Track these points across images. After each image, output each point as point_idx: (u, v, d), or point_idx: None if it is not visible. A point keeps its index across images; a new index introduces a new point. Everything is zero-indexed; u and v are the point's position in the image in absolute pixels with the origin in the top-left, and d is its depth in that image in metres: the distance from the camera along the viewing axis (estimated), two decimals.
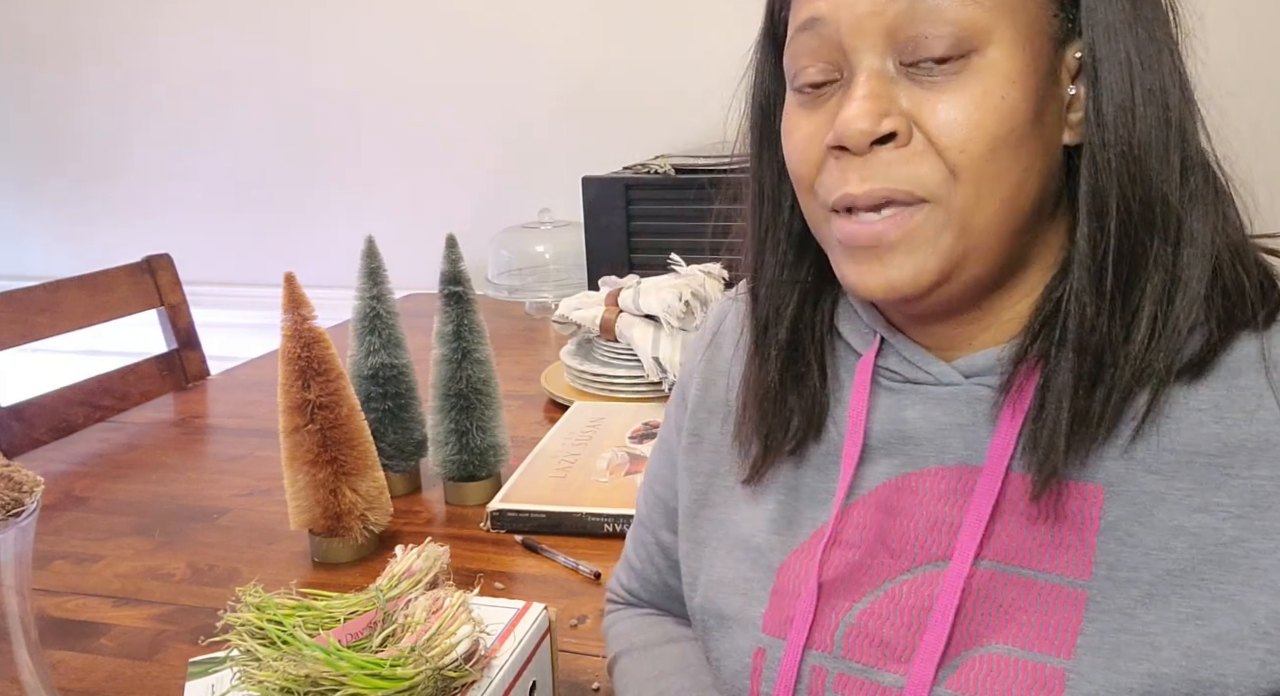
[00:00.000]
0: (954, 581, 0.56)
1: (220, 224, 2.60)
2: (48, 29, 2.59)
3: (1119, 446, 0.54)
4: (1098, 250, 0.52)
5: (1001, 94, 0.51)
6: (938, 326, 0.60)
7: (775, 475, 0.66)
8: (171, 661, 0.90)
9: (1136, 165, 0.52)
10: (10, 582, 0.63)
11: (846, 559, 0.61)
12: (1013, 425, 0.56)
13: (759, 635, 0.63)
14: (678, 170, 1.78)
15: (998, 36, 0.51)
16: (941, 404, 0.60)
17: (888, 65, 0.53)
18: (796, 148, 0.57)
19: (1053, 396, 0.54)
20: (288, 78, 2.44)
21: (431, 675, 0.75)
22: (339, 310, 1.32)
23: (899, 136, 0.52)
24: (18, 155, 2.73)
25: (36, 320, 1.61)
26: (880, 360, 0.62)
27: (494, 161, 2.34)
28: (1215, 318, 0.53)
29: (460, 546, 1.05)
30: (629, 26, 2.18)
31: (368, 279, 1.17)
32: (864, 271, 0.55)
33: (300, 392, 1.02)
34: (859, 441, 0.62)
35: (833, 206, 0.55)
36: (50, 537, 1.15)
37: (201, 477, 1.32)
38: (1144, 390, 0.53)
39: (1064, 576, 0.54)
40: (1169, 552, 0.52)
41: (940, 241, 0.53)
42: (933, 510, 0.59)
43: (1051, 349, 0.55)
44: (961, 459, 0.59)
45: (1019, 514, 0.56)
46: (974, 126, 0.51)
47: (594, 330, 1.50)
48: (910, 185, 0.52)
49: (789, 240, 0.64)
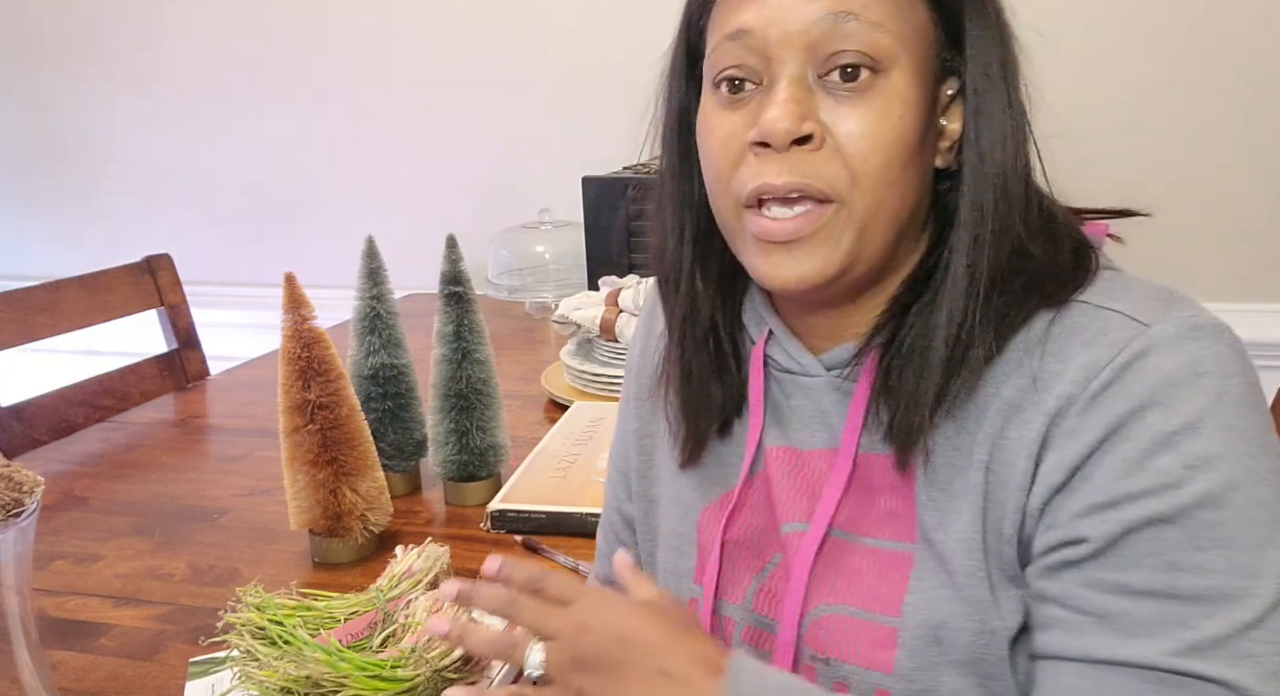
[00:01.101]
0: (805, 548, 0.64)
1: (220, 224, 2.60)
2: (48, 29, 2.59)
3: (939, 419, 0.60)
4: (971, 259, 0.59)
5: (900, 114, 0.58)
6: (818, 318, 0.67)
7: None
8: (172, 661, 0.90)
9: (1005, 186, 0.60)
10: (10, 582, 0.63)
11: (754, 522, 0.69)
12: (858, 409, 0.64)
13: (691, 586, 0.71)
14: None
15: (900, 63, 0.58)
16: (809, 393, 0.68)
17: (807, 75, 0.59)
18: (718, 143, 0.62)
19: (916, 381, 0.60)
20: (288, 78, 2.44)
21: (432, 676, 0.75)
22: (339, 310, 1.32)
23: (814, 140, 0.58)
24: (18, 155, 2.73)
25: (36, 320, 1.61)
26: (767, 349, 0.69)
27: (494, 161, 2.34)
28: (1031, 303, 0.60)
29: (460, 546, 1.05)
30: (629, 26, 2.18)
31: (368, 279, 1.17)
32: (777, 264, 0.60)
33: (300, 393, 1.02)
34: (760, 421, 0.69)
35: (747, 199, 0.60)
36: (50, 537, 1.15)
37: (201, 477, 1.32)
38: (971, 370, 0.60)
39: (893, 541, 0.62)
40: (958, 516, 0.60)
41: (843, 240, 0.59)
42: (805, 484, 0.67)
43: (899, 339, 0.62)
44: (824, 442, 0.67)
45: (863, 489, 0.64)
46: (875, 138, 0.58)
47: (594, 330, 1.50)
48: (821, 183, 0.58)
49: (698, 236, 0.69)
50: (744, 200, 0.61)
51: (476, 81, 2.30)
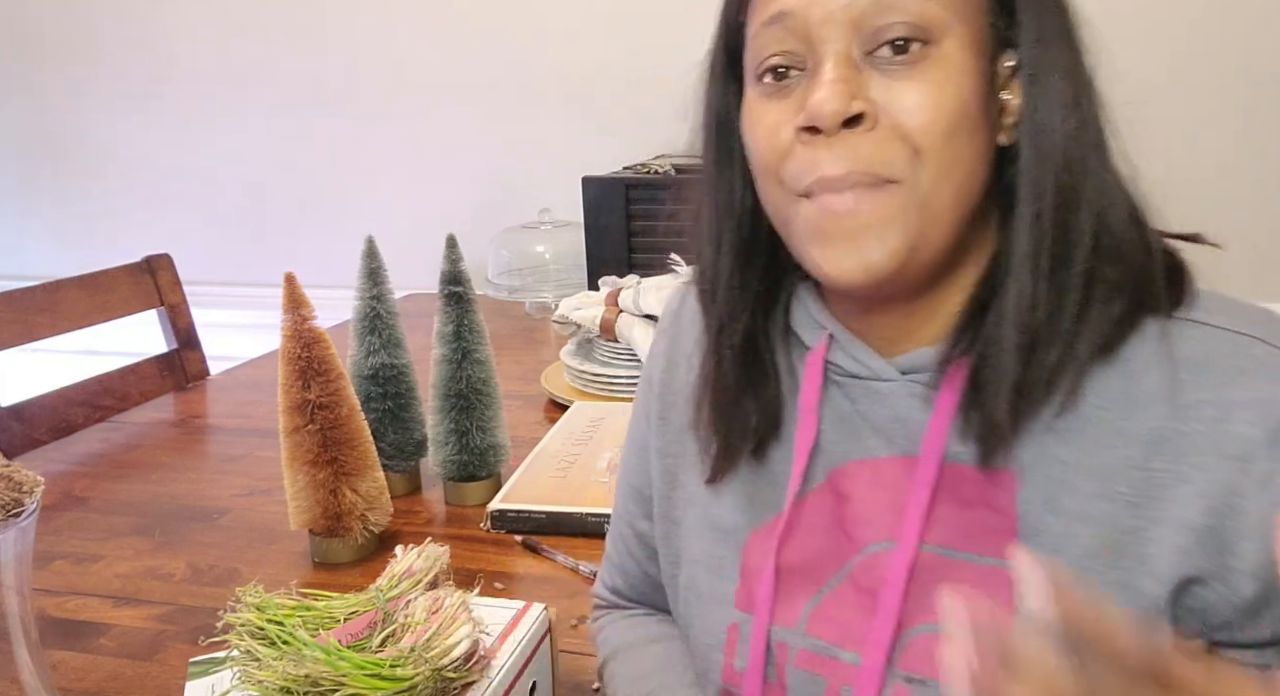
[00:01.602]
0: (900, 564, 0.59)
1: (220, 224, 2.60)
2: (48, 29, 2.59)
3: (1039, 431, 0.57)
4: (1035, 237, 0.56)
5: (957, 83, 0.55)
6: (883, 318, 0.63)
7: (744, 460, 0.69)
8: (171, 661, 0.90)
9: (1067, 161, 0.56)
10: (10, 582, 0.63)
11: (810, 545, 0.64)
12: (944, 417, 0.60)
13: (732, 610, 0.67)
14: (678, 170, 1.78)
15: (952, 33, 0.55)
16: (881, 398, 0.63)
17: (853, 53, 0.55)
18: (764, 135, 0.59)
19: (992, 373, 0.57)
20: (288, 77, 2.44)
21: (431, 675, 0.75)
22: (339, 310, 1.32)
23: (866, 119, 0.55)
24: (18, 155, 2.73)
25: (36, 320, 1.61)
26: (828, 355, 0.65)
27: (494, 161, 2.34)
28: (1126, 303, 0.57)
29: (460, 546, 1.05)
30: (629, 26, 2.18)
31: (368, 279, 1.17)
32: (840, 256, 0.56)
33: (300, 393, 1.02)
34: (812, 434, 0.65)
35: (803, 191, 0.57)
36: (50, 537, 1.15)
37: (201, 477, 1.32)
38: (1068, 369, 0.56)
39: (997, 559, 0.57)
40: (1075, 539, 0.56)
41: (909, 222, 0.55)
42: (881, 497, 0.62)
43: (985, 337, 0.58)
44: (902, 450, 0.62)
45: (954, 501, 0.59)
46: (935, 109, 0.54)
47: (594, 330, 1.50)
48: (879, 166, 0.55)
49: (741, 245, 0.66)
50: (799, 191, 0.57)
51: (477, 82, 2.30)
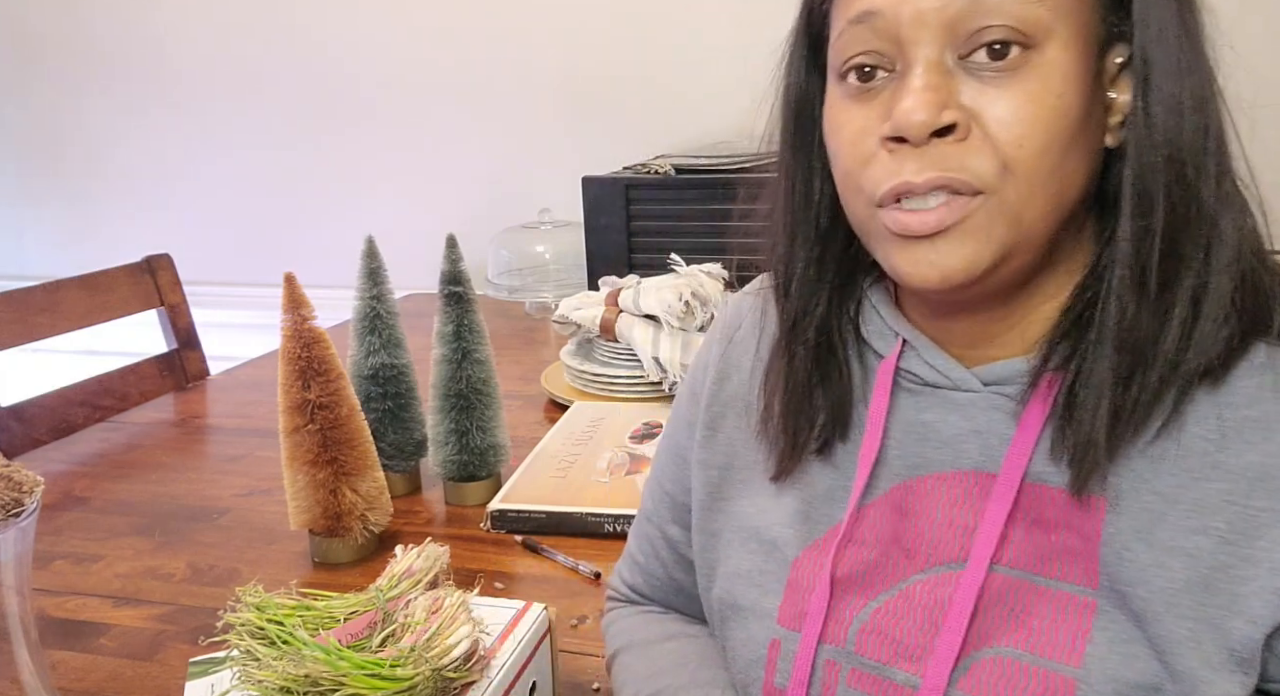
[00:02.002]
0: (970, 583, 0.57)
1: (220, 224, 2.60)
2: (48, 29, 2.59)
3: (1133, 458, 0.54)
4: (1140, 248, 0.53)
5: (1058, 92, 0.51)
6: (964, 323, 0.60)
7: (798, 472, 0.66)
8: (171, 661, 0.90)
9: (1180, 167, 0.52)
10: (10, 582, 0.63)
11: (862, 557, 0.62)
12: (1030, 434, 0.57)
13: (774, 626, 0.64)
14: (678, 170, 1.78)
15: (1056, 36, 0.51)
16: (959, 409, 0.60)
17: (945, 58, 0.52)
18: (847, 141, 0.56)
19: (1088, 392, 0.54)
20: (288, 77, 2.44)
21: (431, 675, 0.75)
22: (339, 310, 1.32)
23: (957, 129, 0.52)
24: (18, 155, 2.73)
25: (36, 320, 1.61)
26: (902, 362, 0.62)
27: (494, 161, 2.34)
28: (1237, 323, 0.54)
29: (460, 546, 1.05)
30: (629, 27, 2.18)
31: (368, 279, 1.18)
32: (919, 260, 0.54)
33: (300, 393, 1.02)
34: (876, 443, 0.62)
35: (882, 199, 0.54)
36: (50, 537, 1.15)
37: (201, 477, 1.32)
38: (1170, 392, 0.54)
39: (1074, 585, 0.55)
40: (1165, 570, 0.53)
41: (994, 231, 0.53)
42: (948, 513, 0.60)
43: (1081, 352, 0.55)
44: (977, 464, 0.59)
45: (1032, 522, 0.57)
46: (1031, 123, 0.51)
47: (594, 330, 1.50)
48: (966, 176, 0.52)
49: (817, 237, 0.63)
50: (878, 199, 0.54)
51: (477, 82, 2.30)
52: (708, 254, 1.55)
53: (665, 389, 1.40)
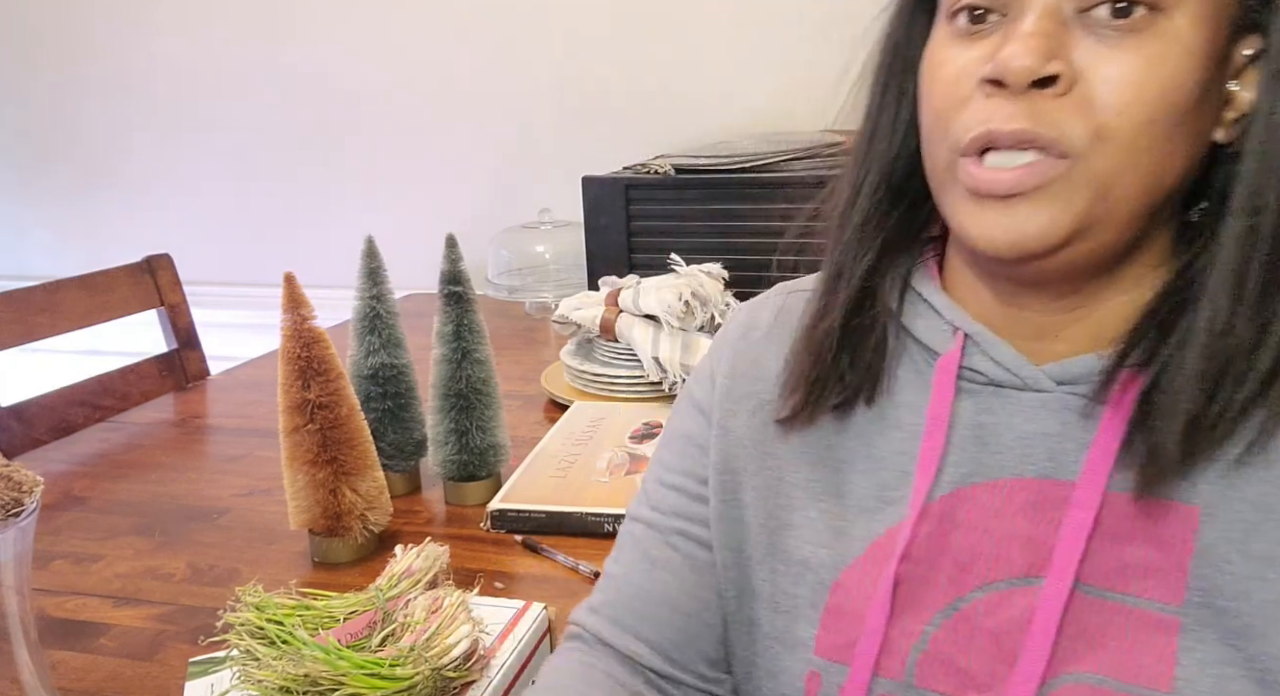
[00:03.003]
0: (1053, 603, 0.53)
1: (220, 224, 2.60)
2: (48, 28, 2.59)
3: (1222, 466, 0.51)
4: (1244, 251, 0.50)
5: (1176, 65, 0.48)
6: (1030, 311, 0.56)
7: (817, 476, 0.62)
8: (171, 661, 0.90)
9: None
10: (10, 582, 0.63)
11: (907, 573, 0.57)
12: (1111, 438, 0.53)
13: (811, 657, 0.59)
14: (678, 170, 1.78)
15: (1188, 6, 0.48)
16: (1026, 411, 0.56)
17: (1064, 7, 0.49)
18: (945, 81, 0.53)
19: (1167, 399, 0.51)
20: (288, 77, 2.44)
21: (431, 674, 0.75)
22: (339, 310, 1.32)
23: (1059, 82, 0.49)
24: (17, 155, 2.73)
25: (36, 320, 1.61)
26: (963, 359, 0.58)
27: (494, 161, 2.34)
28: None
29: (460, 546, 1.05)
30: (629, 27, 2.18)
31: (368, 279, 1.18)
32: (992, 223, 0.51)
33: (300, 392, 1.02)
34: (938, 451, 0.57)
35: (966, 147, 0.51)
36: (50, 537, 1.15)
37: (201, 477, 1.32)
38: (1260, 409, 0.51)
39: (1155, 602, 0.52)
40: (1264, 583, 0.50)
41: (1076, 199, 0.50)
42: (1009, 525, 0.55)
43: (1163, 353, 0.52)
44: (1044, 471, 0.55)
45: (1110, 535, 0.53)
46: (1140, 88, 0.48)
47: (594, 330, 1.50)
48: (1056, 134, 0.49)
49: (885, 189, 0.60)
50: (962, 147, 0.51)
51: (477, 82, 2.31)
52: (708, 254, 1.54)
53: (665, 389, 1.40)
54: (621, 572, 0.70)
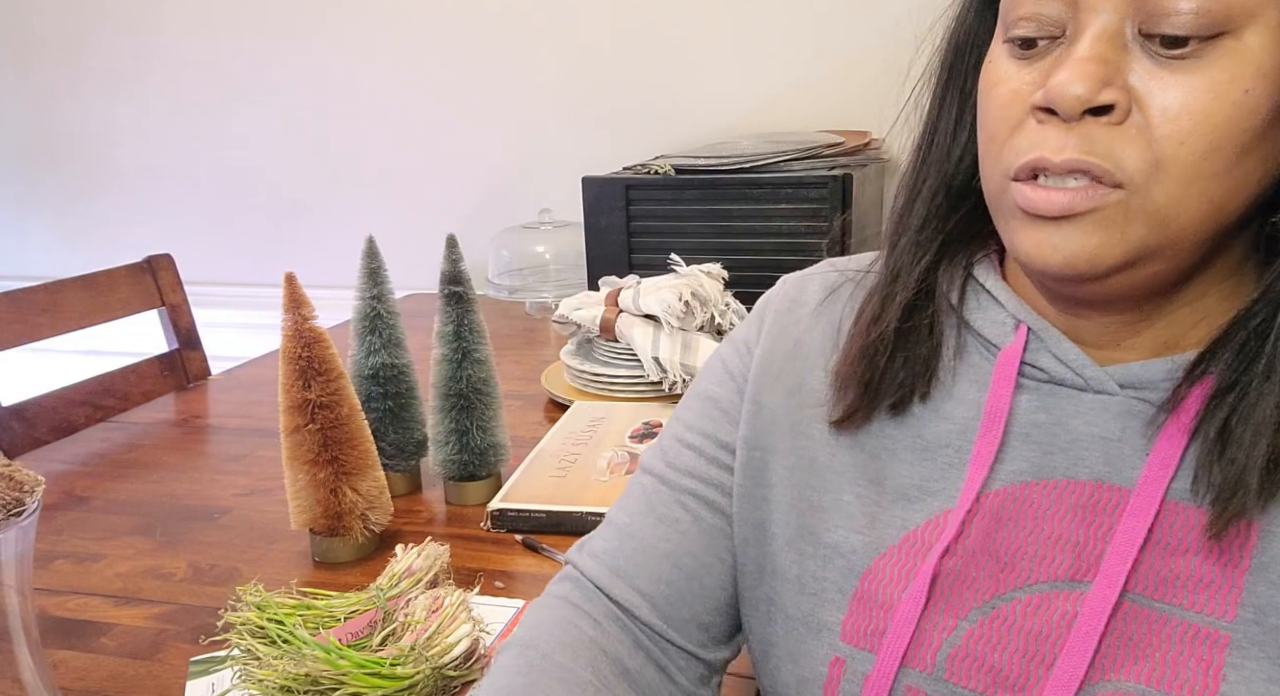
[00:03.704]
0: (1098, 609, 0.51)
1: (220, 224, 2.60)
2: (48, 29, 2.60)
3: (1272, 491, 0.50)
4: None
5: (1247, 87, 0.45)
6: (1094, 319, 0.55)
7: (856, 461, 0.61)
8: (172, 660, 0.90)
9: None
10: (11, 582, 0.63)
11: (947, 568, 0.56)
12: (1173, 447, 0.52)
13: (836, 643, 0.58)
14: (678, 170, 1.78)
15: (1261, 21, 0.45)
16: (1086, 412, 0.55)
17: (1125, 29, 0.47)
18: (998, 102, 0.52)
19: (1251, 432, 0.49)
20: (289, 78, 2.45)
21: (431, 674, 0.75)
22: (339, 310, 1.32)
23: (1115, 111, 0.47)
24: (18, 155, 2.73)
25: (37, 320, 1.62)
26: (1024, 355, 0.57)
27: (494, 161, 2.34)
28: None
29: (460, 546, 1.05)
30: (630, 28, 2.18)
31: (368, 279, 1.18)
32: (1042, 241, 0.49)
33: (301, 392, 1.02)
34: (995, 443, 0.56)
35: (1017, 172, 0.50)
36: (51, 537, 1.15)
37: (202, 477, 1.32)
38: None
39: (1205, 615, 0.50)
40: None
41: (1130, 230, 0.48)
42: (1057, 527, 0.54)
43: (1245, 381, 0.50)
44: (1098, 475, 0.54)
45: (1162, 544, 0.52)
46: (1203, 117, 0.45)
47: (594, 330, 1.50)
48: (1110, 164, 0.47)
49: (946, 193, 0.59)
50: (1013, 173, 0.50)
51: (477, 81, 2.31)
52: (708, 254, 1.55)
53: (665, 389, 1.40)
54: (627, 522, 0.68)
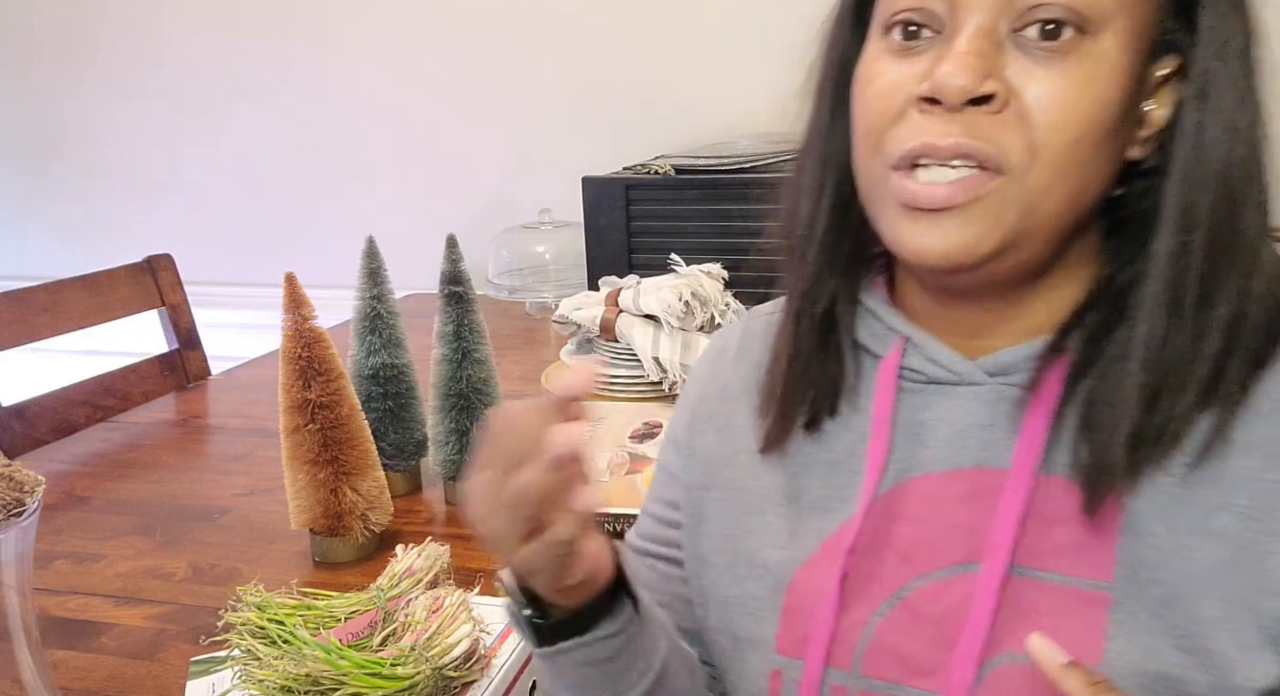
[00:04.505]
0: (987, 588, 0.54)
1: (220, 224, 2.60)
2: (48, 29, 2.60)
3: (1139, 464, 0.53)
4: (1179, 266, 0.51)
5: (1105, 83, 0.50)
6: (963, 311, 0.59)
7: (776, 483, 0.64)
8: (172, 660, 0.90)
9: (1227, 190, 0.51)
10: (11, 582, 0.63)
11: (863, 569, 0.59)
12: (1040, 425, 0.55)
13: (773, 656, 0.61)
14: (678, 170, 1.78)
15: (1115, 26, 0.50)
16: (962, 404, 0.58)
17: (999, 27, 0.51)
18: (877, 94, 0.54)
19: (1110, 410, 0.53)
20: (289, 78, 2.44)
21: (431, 674, 0.75)
22: (339, 310, 1.32)
23: (995, 101, 0.50)
24: (18, 155, 2.73)
25: (37, 320, 1.62)
26: (903, 361, 0.61)
27: (494, 161, 2.34)
28: (1271, 347, 0.53)
29: (461, 546, 1.05)
30: (629, 27, 2.18)
31: (368, 279, 1.18)
32: (922, 234, 0.53)
33: (301, 392, 1.02)
34: (884, 446, 0.60)
35: (899, 160, 0.53)
36: (51, 537, 1.15)
37: (202, 477, 1.32)
38: (1206, 415, 0.52)
39: (1086, 579, 0.53)
40: (1191, 552, 0.51)
41: (1006, 216, 0.51)
42: (946, 513, 0.57)
43: (1101, 363, 0.54)
44: (978, 460, 0.57)
45: (1041, 516, 0.55)
46: (1071, 108, 0.50)
47: (594, 330, 1.50)
48: (993, 149, 0.50)
49: (838, 207, 0.61)
50: (895, 161, 0.53)
51: (477, 81, 2.31)
52: (708, 254, 1.54)
53: (665, 389, 1.40)
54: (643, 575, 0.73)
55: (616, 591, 0.58)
